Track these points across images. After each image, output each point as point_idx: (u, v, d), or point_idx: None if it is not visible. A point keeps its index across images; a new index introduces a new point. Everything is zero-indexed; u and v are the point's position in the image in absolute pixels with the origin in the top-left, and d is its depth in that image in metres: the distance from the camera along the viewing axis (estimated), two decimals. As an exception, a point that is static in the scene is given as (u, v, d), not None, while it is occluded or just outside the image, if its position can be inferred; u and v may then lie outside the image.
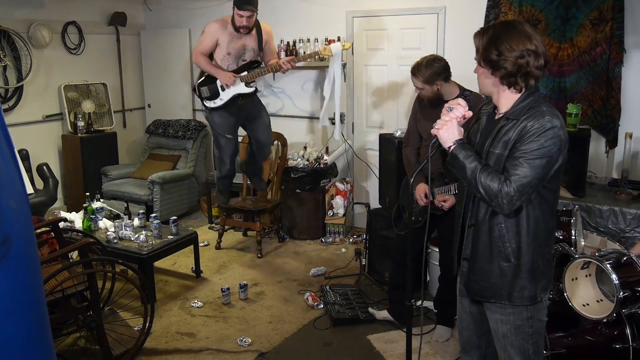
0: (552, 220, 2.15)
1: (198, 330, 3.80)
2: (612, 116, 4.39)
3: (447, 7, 5.03)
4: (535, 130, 1.94)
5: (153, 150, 6.61)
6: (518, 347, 2.18)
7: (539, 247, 2.09)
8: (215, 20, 4.48)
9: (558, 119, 1.97)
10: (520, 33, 1.99)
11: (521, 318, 2.15)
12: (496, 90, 2.09)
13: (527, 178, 1.93)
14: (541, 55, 1.99)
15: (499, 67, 2.00)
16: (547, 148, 1.93)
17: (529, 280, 2.10)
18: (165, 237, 4.35)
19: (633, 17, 4.26)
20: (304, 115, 6.10)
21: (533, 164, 1.93)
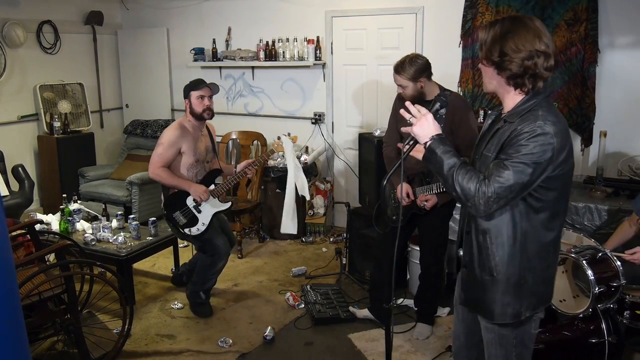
0: (547, 234, 1.96)
1: (178, 332, 3.77)
2: (587, 115, 4.46)
3: (425, 7, 5.06)
4: (525, 135, 1.82)
5: (131, 150, 6.54)
6: (502, 357, 2.10)
7: (527, 262, 1.96)
8: (169, 127, 3.79)
9: (553, 125, 1.82)
10: (529, 31, 1.85)
11: (506, 328, 2.05)
12: (501, 91, 1.97)
13: (508, 182, 1.80)
14: (551, 56, 1.86)
15: (504, 68, 1.88)
16: (535, 155, 1.80)
17: (513, 297, 1.98)
18: (144, 238, 4.31)
19: (607, 18, 4.34)
20: (283, 115, 6.09)
21: (517, 168, 1.80)
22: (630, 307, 2.70)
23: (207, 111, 3.77)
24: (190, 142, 3.76)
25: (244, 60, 5.94)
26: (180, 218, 3.80)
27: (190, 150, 3.76)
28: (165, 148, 3.70)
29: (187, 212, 3.81)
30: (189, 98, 3.75)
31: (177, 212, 3.81)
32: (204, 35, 6.29)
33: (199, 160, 3.83)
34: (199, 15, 6.38)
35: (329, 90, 5.76)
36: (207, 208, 3.83)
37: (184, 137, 3.73)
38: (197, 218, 3.81)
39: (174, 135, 3.71)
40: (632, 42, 4.31)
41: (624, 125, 4.39)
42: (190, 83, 3.81)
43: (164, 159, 3.71)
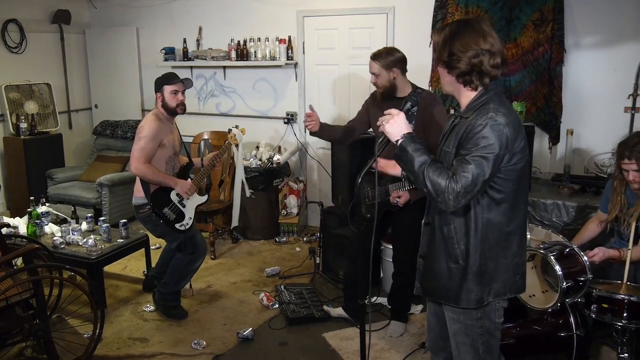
0: (508, 224, 2.07)
1: (151, 335, 3.73)
2: (554, 113, 4.56)
3: (395, 7, 5.10)
4: (479, 127, 1.93)
5: (101, 152, 6.45)
6: (469, 345, 2.19)
7: (489, 250, 2.06)
8: (148, 120, 3.62)
9: (504, 116, 1.94)
10: (475, 31, 1.98)
11: (471, 318, 2.14)
12: (455, 89, 2.09)
13: (473, 175, 1.89)
14: (497, 54, 1.98)
15: (453, 67, 2.01)
16: (490, 146, 1.91)
17: (475, 283, 2.08)
18: (115, 240, 4.25)
19: (572, 19, 4.44)
20: (255, 115, 6.07)
21: (477, 161, 1.90)
22: (597, 300, 2.76)
23: (181, 106, 3.67)
24: (169, 134, 3.66)
25: (216, 60, 5.91)
26: (170, 214, 3.70)
27: (170, 142, 3.66)
28: (147, 141, 3.52)
29: (174, 207, 3.72)
30: (162, 92, 3.63)
31: (166, 209, 3.68)
32: (175, 34, 6.23)
33: (175, 153, 3.76)
34: (169, 15, 6.31)
35: (301, 90, 5.76)
36: (190, 202, 3.80)
37: (163, 127, 3.62)
38: (184, 213, 3.75)
39: (155, 127, 3.56)
40: (596, 42, 4.42)
41: (590, 124, 4.50)
42: (163, 76, 3.71)
43: (147, 153, 3.52)
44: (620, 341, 2.80)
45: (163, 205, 3.68)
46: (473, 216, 2.04)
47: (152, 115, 3.65)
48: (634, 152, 2.98)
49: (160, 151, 3.62)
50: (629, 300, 2.66)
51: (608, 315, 2.73)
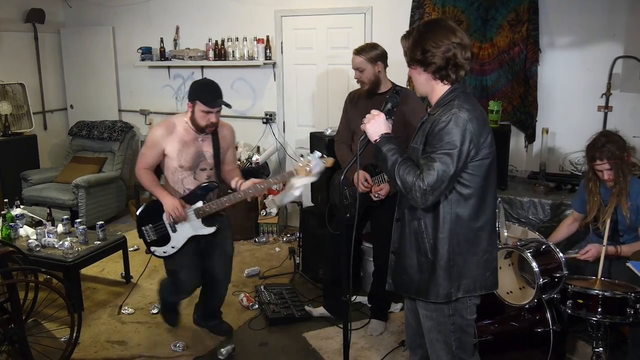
0: (477, 220, 2.10)
1: (129, 338, 3.69)
2: (530, 112, 4.62)
3: (373, 7, 5.13)
4: (442, 124, 1.97)
5: (77, 153, 6.36)
6: (442, 342, 2.22)
7: (457, 246, 2.09)
8: (158, 124, 3.31)
9: (468, 112, 1.98)
10: (444, 28, 2.04)
11: (443, 315, 2.17)
12: (430, 88, 2.12)
13: (438, 173, 1.94)
14: (467, 47, 2.04)
15: (429, 63, 2.04)
16: (454, 142, 1.95)
17: (444, 278, 2.10)
18: (91, 242, 4.20)
19: (547, 19, 4.50)
20: (234, 115, 6.03)
21: (442, 158, 1.95)
22: (573, 296, 2.81)
23: (210, 127, 3.17)
24: (176, 144, 3.17)
25: (193, 60, 5.87)
26: (150, 233, 3.26)
27: (174, 153, 3.18)
28: (147, 148, 3.24)
29: (160, 227, 3.24)
30: (194, 105, 3.12)
31: (149, 225, 3.25)
32: (152, 34, 6.17)
33: (183, 166, 3.20)
34: (145, 14, 6.25)
35: (280, 90, 5.75)
36: (185, 229, 3.23)
37: (169, 137, 3.17)
38: (169, 237, 3.24)
39: (156, 134, 3.20)
40: (570, 42, 4.49)
41: (564, 122, 4.57)
42: (201, 89, 3.15)
43: (146, 160, 3.24)
44: (595, 335, 2.86)
45: (148, 220, 3.26)
46: (442, 211, 2.07)
47: (166, 121, 3.27)
48: (604, 152, 3.04)
49: (167, 160, 3.23)
50: (603, 295, 2.71)
51: (583, 311, 2.78)
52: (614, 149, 3.04)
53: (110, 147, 6.24)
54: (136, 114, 6.57)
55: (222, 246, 3.41)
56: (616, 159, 3.04)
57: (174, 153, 3.18)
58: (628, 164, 3.09)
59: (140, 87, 6.50)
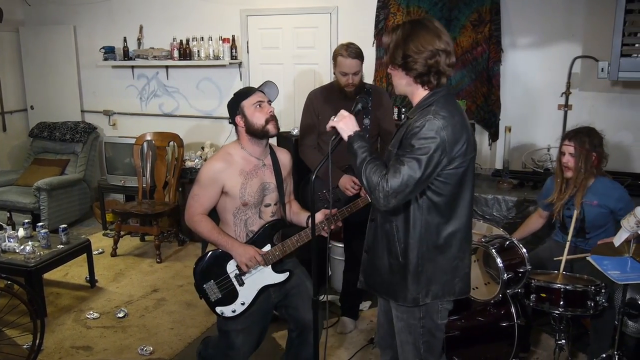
0: (447, 227, 2.07)
1: (95, 343, 3.62)
2: (493, 111, 4.71)
3: (339, 7, 5.15)
4: (416, 129, 1.93)
5: (38, 155, 6.21)
6: (412, 344, 2.21)
7: (427, 252, 2.07)
8: (212, 157, 2.71)
9: (444, 119, 1.92)
10: (429, 32, 1.98)
11: (414, 317, 2.16)
12: (410, 90, 2.09)
13: (403, 177, 1.89)
14: (452, 53, 2.00)
15: (410, 69, 2.00)
16: (424, 148, 1.90)
17: (412, 282, 2.09)
18: (54, 247, 4.11)
19: (508, 19, 4.60)
20: (200, 115, 6.00)
21: (410, 163, 1.90)
22: (536, 290, 2.87)
23: (272, 121, 2.61)
24: (236, 178, 2.61)
25: (158, 60, 5.79)
26: (215, 290, 2.66)
27: (236, 189, 2.60)
28: (202, 187, 2.62)
29: (226, 283, 2.66)
30: (242, 111, 2.62)
31: (210, 282, 2.66)
32: (115, 33, 6.06)
33: (248, 203, 2.63)
34: (108, 13, 6.14)
35: (247, 90, 5.71)
36: (255, 279, 2.67)
37: (228, 170, 2.61)
38: (237, 293, 2.65)
39: (213, 168, 2.61)
40: (531, 43, 4.60)
41: (526, 121, 4.67)
42: (237, 94, 2.71)
43: (202, 203, 2.63)
44: (558, 328, 2.93)
45: (210, 276, 2.66)
46: (412, 217, 2.05)
47: (221, 152, 2.72)
48: (578, 137, 3.12)
49: (226, 200, 2.65)
50: (565, 289, 2.79)
51: (546, 304, 2.84)
52: (586, 142, 3.12)
53: (72, 148, 6.11)
54: (99, 114, 6.44)
55: (301, 287, 2.78)
56: (583, 149, 3.11)
57: (236, 189, 2.60)
58: (592, 163, 3.15)
59: (103, 87, 6.38)
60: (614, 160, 4.28)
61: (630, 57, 3.88)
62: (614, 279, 2.55)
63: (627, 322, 3.17)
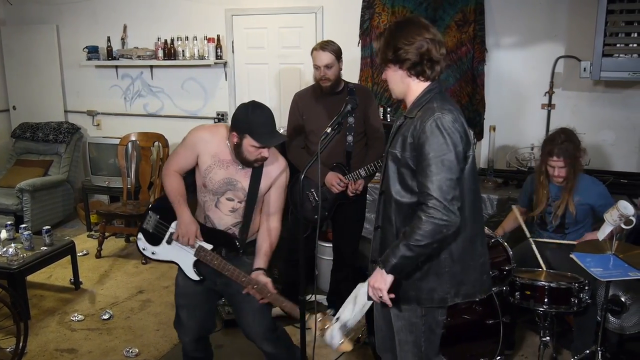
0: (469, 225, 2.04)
1: (80, 345, 3.59)
2: (477, 111, 4.74)
3: (324, 7, 5.15)
4: (428, 131, 1.90)
5: (21, 155, 6.14)
6: (412, 343, 2.18)
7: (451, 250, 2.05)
8: (202, 125, 2.81)
9: (450, 112, 1.93)
10: (416, 25, 2.00)
11: (415, 315, 2.13)
12: (406, 86, 2.06)
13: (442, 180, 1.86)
14: (442, 43, 2.01)
15: (404, 60, 1.99)
16: (447, 143, 1.88)
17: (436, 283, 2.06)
18: (38, 248, 4.07)
19: (492, 19, 4.63)
20: (185, 115, 5.97)
21: (440, 165, 1.88)
22: (520, 288, 2.90)
23: (260, 162, 2.56)
24: (208, 156, 2.62)
25: (142, 59, 5.75)
26: (151, 223, 2.75)
27: (202, 166, 2.63)
28: (183, 146, 2.71)
29: (162, 228, 2.73)
30: (241, 138, 2.49)
31: (157, 215, 2.75)
32: (98, 32, 6.01)
33: (207, 187, 2.64)
34: (91, 12, 6.08)
35: (232, 90, 5.70)
36: (177, 250, 2.69)
37: (207, 145, 2.63)
38: (159, 243, 2.73)
39: (198, 135, 2.67)
40: (515, 42, 4.63)
41: (510, 120, 4.71)
42: (254, 123, 2.48)
43: (178, 161, 2.71)
44: (543, 325, 2.96)
45: (160, 212, 2.75)
46: None
47: (217, 127, 2.77)
48: (562, 150, 3.14)
49: (196, 172, 2.71)
50: (549, 286, 2.82)
51: (531, 302, 2.87)
52: (571, 148, 3.15)
53: (56, 149, 6.05)
54: (83, 114, 6.38)
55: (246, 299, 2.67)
56: (572, 159, 3.15)
57: (203, 166, 2.62)
58: (579, 164, 3.21)
59: (87, 87, 6.32)
60: (596, 159, 4.34)
61: (611, 57, 3.94)
62: (596, 276, 2.59)
63: (610, 319, 3.22)
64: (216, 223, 2.66)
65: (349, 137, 3.44)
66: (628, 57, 3.91)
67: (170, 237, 2.69)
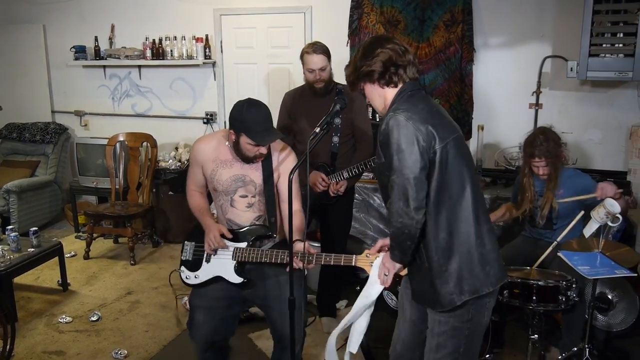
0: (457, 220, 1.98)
1: (68, 347, 3.56)
2: (466, 110, 4.76)
3: (313, 7, 5.15)
4: (382, 134, 1.95)
5: (7, 156, 6.08)
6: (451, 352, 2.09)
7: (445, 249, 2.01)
8: (200, 139, 2.76)
9: (404, 111, 1.91)
10: (376, 40, 2.06)
11: (461, 319, 2.05)
12: (382, 99, 2.08)
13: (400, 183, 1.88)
14: (406, 51, 2.03)
15: (369, 73, 2.03)
16: (400, 144, 1.87)
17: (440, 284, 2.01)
18: (25, 250, 4.04)
19: (480, 20, 4.66)
20: (173, 115, 5.94)
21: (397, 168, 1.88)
22: (509, 286, 2.91)
23: (260, 157, 2.56)
24: (209, 163, 2.63)
25: (130, 59, 5.72)
26: (189, 252, 2.73)
27: (207, 173, 2.65)
28: (191, 164, 2.75)
29: (199, 252, 2.69)
30: (238, 136, 2.50)
31: (192, 242, 2.73)
32: (85, 32, 5.96)
33: (217, 190, 2.63)
34: (79, 12, 6.04)
35: (220, 89, 5.69)
36: (216, 264, 2.64)
37: (206, 153, 2.65)
38: (200, 266, 2.67)
39: (196, 148, 2.69)
40: (502, 42, 4.66)
41: (498, 119, 4.74)
42: (248, 121, 2.47)
43: (193, 178, 2.74)
44: (531, 323, 2.98)
45: (194, 238, 2.73)
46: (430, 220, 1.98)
47: (213, 134, 2.81)
48: (543, 150, 3.17)
49: (208, 183, 2.71)
50: (537, 285, 2.83)
51: (519, 300, 2.89)
52: (551, 147, 3.18)
53: (43, 149, 6.00)
54: (71, 115, 6.33)
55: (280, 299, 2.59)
56: (553, 158, 3.18)
57: (207, 173, 2.65)
58: (561, 160, 3.26)
59: (74, 87, 6.27)
60: (583, 158, 4.39)
61: (598, 57, 3.98)
62: (584, 274, 2.61)
63: (597, 316, 3.25)
64: (238, 223, 2.63)
65: (334, 138, 3.44)
66: (614, 57, 3.95)
67: (209, 256, 2.65)
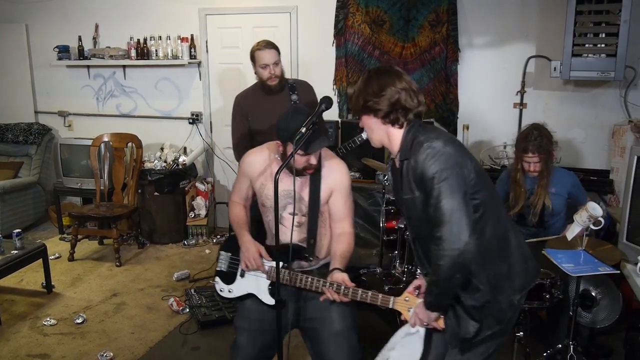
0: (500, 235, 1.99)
1: (52, 350, 3.53)
2: (451, 110, 4.80)
3: (298, 7, 5.15)
4: (421, 164, 1.86)
5: (-11, 157, 6.01)
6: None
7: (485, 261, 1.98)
8: (251, 150, 2.65)
9: (437, 139, 1.88)
10: (388, 74, 1.97)
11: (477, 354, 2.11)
12: (384, 134, 2.02)
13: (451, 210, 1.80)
14: (416, 92, 1.97)
15: (375, 110, 1.96)
16: (444, 170, 1.82)
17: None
18: (8, 252, 3.99)
19: (465, 20, 4.69)
20: (158, 115, 5.91)
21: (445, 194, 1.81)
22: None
23: (310, 169, 2.40)
24: (258, 177, 2.55)
25: (114, 59, 5.68)
26: (225, 263, 2.66)
27: (256, 188, 2.57)
28: (238, 175, 2.68)
29: (234, 263, 2.62)
30: (286, 147, 2.37)
31: (228, 253, 2.67)
32: (69, 32, 5.91)
33: (265, 205, 2.55)
34: (62, 11, 5.98)
35: (206, 89, 5.67)
36: (251, 281, 2.56)
37: (255, 166, 2.55)
38: (234, 279, 2.61)
39: (245, 160, 2.59)
40: (487, 43, 4.70)
41: (483, 119, 4.78)
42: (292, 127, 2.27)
43: (237, 190, 2.66)
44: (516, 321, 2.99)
45: (231, 249, 2.66)
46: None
47: (261, 146, 2.65)
48: (536, 145, 3.21)
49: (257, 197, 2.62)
50: (522, 282, 2.85)
51: (504, 298, 2.90)
52: (544, 143, 3.22)
53: (26, 150, 5.94)
54: (54, 115, 6.27)
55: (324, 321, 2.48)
56: (546, 154, 3.22)
57: (256, 187, 2.56)
58: (552, 158, 3.30)
59: (57, 87, 6.21)
60: (567, 157, 4.43)
61: (580, 57, 4.03)
62: (568, 271, 2.64)
63: (581, 313, 3.29)
64: (283, 241, 2.44)
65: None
66: (596, 57, 4.00)
67: (243, 270, 2.57)
